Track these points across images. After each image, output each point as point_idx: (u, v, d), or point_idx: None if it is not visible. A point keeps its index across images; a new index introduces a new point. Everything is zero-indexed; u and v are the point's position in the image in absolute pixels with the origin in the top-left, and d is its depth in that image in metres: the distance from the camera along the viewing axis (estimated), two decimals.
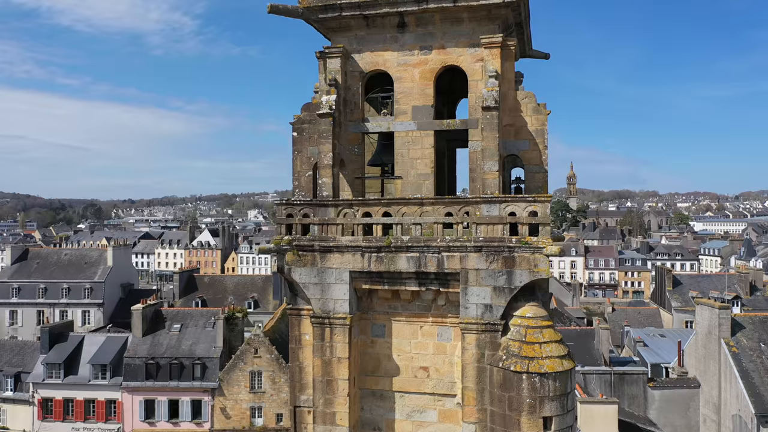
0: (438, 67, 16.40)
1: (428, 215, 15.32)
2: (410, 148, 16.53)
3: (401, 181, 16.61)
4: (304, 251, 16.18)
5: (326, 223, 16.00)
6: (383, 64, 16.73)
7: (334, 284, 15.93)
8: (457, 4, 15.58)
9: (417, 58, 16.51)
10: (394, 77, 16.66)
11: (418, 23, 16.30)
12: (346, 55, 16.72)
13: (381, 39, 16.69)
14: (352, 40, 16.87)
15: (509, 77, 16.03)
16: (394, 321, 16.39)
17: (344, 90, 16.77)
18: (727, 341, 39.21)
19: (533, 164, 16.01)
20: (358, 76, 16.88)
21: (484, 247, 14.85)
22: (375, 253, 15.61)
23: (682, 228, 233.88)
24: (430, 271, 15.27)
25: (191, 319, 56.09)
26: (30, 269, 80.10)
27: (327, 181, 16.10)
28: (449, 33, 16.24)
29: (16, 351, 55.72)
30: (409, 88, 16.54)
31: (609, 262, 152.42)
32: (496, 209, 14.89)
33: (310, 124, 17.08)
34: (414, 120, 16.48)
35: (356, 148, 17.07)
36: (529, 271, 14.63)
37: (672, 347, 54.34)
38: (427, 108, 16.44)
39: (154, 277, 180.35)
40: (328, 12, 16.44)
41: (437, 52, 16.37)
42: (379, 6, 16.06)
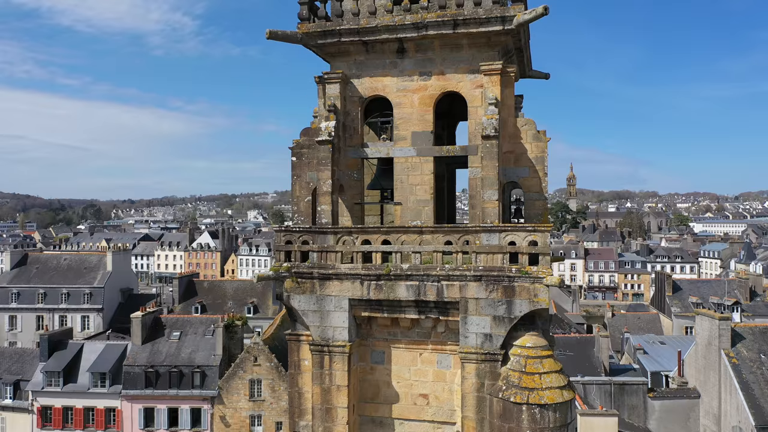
0: (437, 93, 16.34)
1: (428, 244, 15.27)
2: (410, 174, 16.46)
3: (401, 207, 16.55)
4: (303, 278, 16.13)
5: (325, 251, 15.95)
6: (382, 89, 16.67)
7: (334, 312, 15.87)
8: (456, 31, 15.52)
9: (416, 84, 16.45)
10: (394, 103, 16.60)
11: (417, 49, 16.24)
12: (345, 81, 16.66)
13: (380, 64, 16.63)
14: (351, 65, 16.81)
15: (509, 104, 15.97)
16: (393, 348, 16.34)
17: (343, 115, 16.72)
18: (727, 352, 39.16)
19: (533, 191, 15.95)
20: (358, 102, 16.82)
21: (484, 276, 14.79)
22: (374, 281, 15.55)
23: (681, 229, 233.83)
24: (430, 299, 15.22)
25: (191, 327, 56.00)
26: (29, 274, 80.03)
27: (326, 209, 16.05)
28: (449, 59, 16.18)
29: (15, 358, 55.65)
30: (409, 114, 16.48)
31: (609, 264, 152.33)
32: (496, 238, 14.83)
33: (309, 149, 17.02)
34: (413, 146, 16.41)
35: (355, 173, 17.01)
36: (529, 300, 14.57)
37: (672, 355, 54.30)
38: (426, 134, 16.38)
39: (153, 279, 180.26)
40: (327, 38, 16.39)
41: (437, 78, 16.31)
42: (379, 32, 16.00)
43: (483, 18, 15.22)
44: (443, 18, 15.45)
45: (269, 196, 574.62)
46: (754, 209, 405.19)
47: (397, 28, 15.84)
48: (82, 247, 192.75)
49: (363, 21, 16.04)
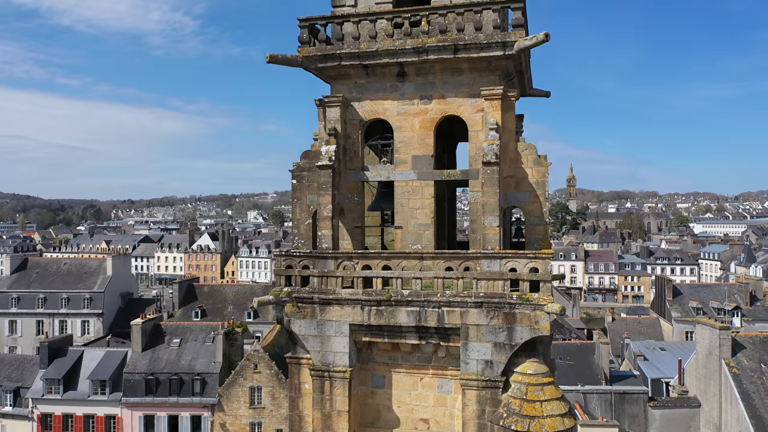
0: (438, 117, 16.31)
1: (428, 269, 15.23)
2: (410, 197, 16.43)
3: (401, 231, 16.51)
4: (303, 303, 16.10)
5: (326, 276, 15.91)
6: (383, 113, 16.64)
7: (334, 337, 15.85)
8: (457, 56, 15.50)
9: (417, 108, 16.41)
10: (394, 126, 16.57)
11: (418, 73, 16.21)
12: (345, 104, 16.63)
13: (381, 87, 16.60)
14: (351, 88, 16.78)
15: (510, 128, 15.93)
16: (394, 372, 16.31)
17: (344, 138, 16.69)
18: (727, 362, 39.11)
19: (534, 216, 15.91)
20: (358, 125, 16.79)
21: (485, 302, 14.76)
22: (375, 307, 15.52)
23: (682, 230, 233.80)
24: (431, 325, 15.19)
25: (191, 334, 55.98)
26: (29, 279, 79.99)
27: (327, 233, 16.02)
28: (449, 83, 16.15)
29: (15, 366, 55.62)
30: (409, 138, 16.45)
31: (609, 266, 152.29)
32: (497, 265, 14.80)
33: (310, 172, 17.00)
34: (414, 170, 16.38)
35: (356, 196, 16.97)
36: (530, 328, 14.55)
37: (672, 361, 54.26)
38: (427, 158, 16.34)
39: (153, 280, 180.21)
40: (328, 61, 16.36)
41: (437, 102, 16.28)
42: (379, 56, 15.98)
43: (484, 43, 15.21)
44: (444, 43, 15.43)
45: (269, 196, 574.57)
46: (754, 209, 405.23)
47: (397, 53, 15.82)
48: (82, 248, 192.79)
49: (363, 45, 16.02)
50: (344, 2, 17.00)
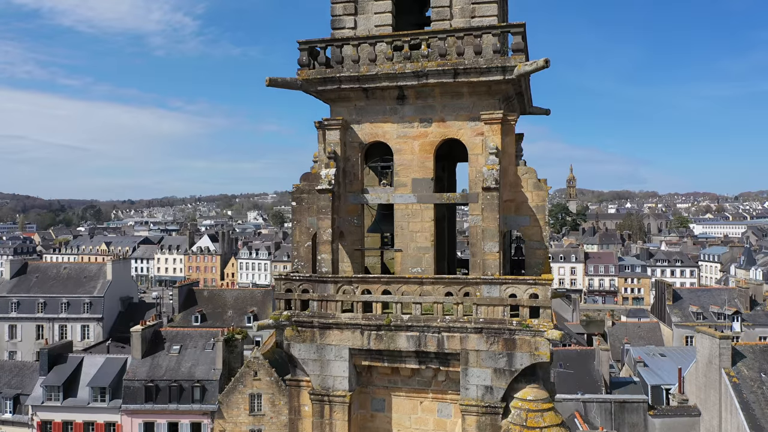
0: (438, 140, 16.28)
1: (428, 294, 15.22)
2: (410, 221, 16.40)
3: (401, 254, 16.49)
4: (303, 327, 16.09)
5: (325, 300, 15.90)
6: (383, 135, 16.62)
7: (334, 361, 15.83)
8: (457, 80, 15.47)
9: (417, 131, 16.39)
10: (394, 149, 16.55)
11: (417, 96, 16.18)
12: (345, 127, 16.62)
13: (381, 110, 16.58)
14: (351, 111, 16.76)
15: (510, 152, 15.90)
16: (394, 396, 16.30)
17: (343, 161, 16.67)
18: (727, 371, 39.12)
19: (534, 240, 15.88)
20: (358, 147, 16.76)
21: (485, 328, 14.75)
22: (375, 331, 15.51)
23: (682, 231, 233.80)
24: (430, 350, 15.18)
25: (190, 340, 55.97)
26: (29, 283, 79.96)
27: (326, 257, 16.00)
28: (449, 106, 16.12)
29: (15, 372, 55.63)
30: (409, 161, 16.42)
31: (609, 268, 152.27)
32: (497, 290, 14.79)
33: (309, 194, 16.98)
34: (414, 193, 16.36)
35: (356, 219, 16.94)
36: (530, 354, 14.53)
37: (672, 367, 54.28)
38: (426, 181, 16.32)
39: (153, 282, 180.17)
40: (327, 84, 16.34)
41: (437, 125, 16.26)
42: (379, 80, 15.95)
43: (484, 68, 15.18)
44: (444, 67, 15.40)
45: (269, 196, 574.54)
46: (754, 210, 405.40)
47: (397, 76, 15.79)
48: (82, 250, 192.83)
49: (363, 68, 15.99)
50: (344, 24, 16.98)
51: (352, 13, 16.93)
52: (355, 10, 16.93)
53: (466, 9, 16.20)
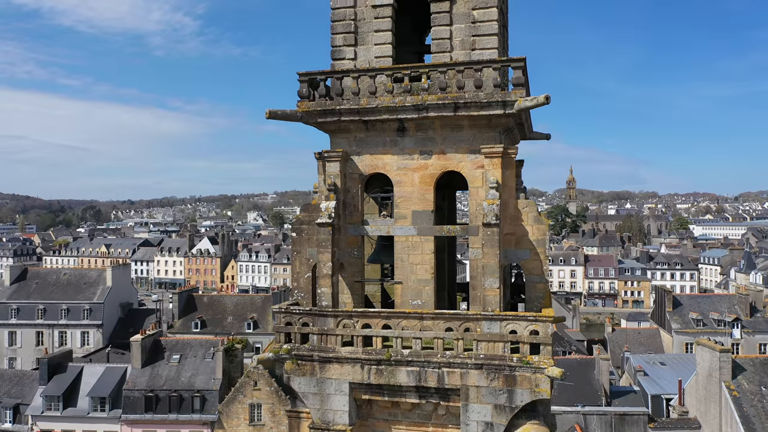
0: (438, 172, 16.24)
1: (428, 329, 15.18)
2: (410, 253, 16.36)
3: (401, 286, 16.44)
4: (303, 361, 16.06)
5: (325, 333, 15.86)
6: (383, 167, 16.57)
7: (334, 395, 15.80)
8: (457, 114, 15.43)
9: (417, 163, 16.35)
10: (394, 181, 16.50)
11: (418, 128, 16.14)
12: (345, 158, 16.57)
13: (381, 142, 16.54)
14: (351, 142, 16.72)
15: (510, 185, 15.87)
16: (394, 429, 16.25)
17: (343, 193, 16.63)
18: (728, 384, 39.12)
19: (534, 274, 15.84)
20: (358, 179, 16.72)
21: (485, 364, 14.72)
22: (375, 366, 15.47)
23: (681, 233, 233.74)
24: (431, 385, 15.15)
25: (190, 350, 55.93)
26: (29, 289, 79.88)
27: (326, 291, 15.95)
28: (449, 138, 16.08)
29: (15, 381, 55.58)
30: (409, 193, 16.37)
31: (609, 271, 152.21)
32: (497, 326, 14.75)
33: (309, 225, 16.94)
34: (414, 225, 16.31)
35: (356, 250, 16.90)
36: (531, 390, 14.50)
37: (672, 376, 54.30)
38: (427, 213, 16.27)
39: (153, 285, 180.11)
40: (327, 116, 16.30)
41: (437, 157, 16.21)
42: (379, 113, 15.91)
43: (484, 102, 15.15)
44: (444, 101, 15.36)
45: (269, 197, 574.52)
46: (753, 210, 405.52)
47: (397, 109, 15.76)
48: (81, 252, 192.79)
49: (363, 101, 15.95)
50: (344, 55, 16.94)
51: (352, 44, 16.90)
52: (355, 41, 16.90)
53: (466, 41, 16.17)
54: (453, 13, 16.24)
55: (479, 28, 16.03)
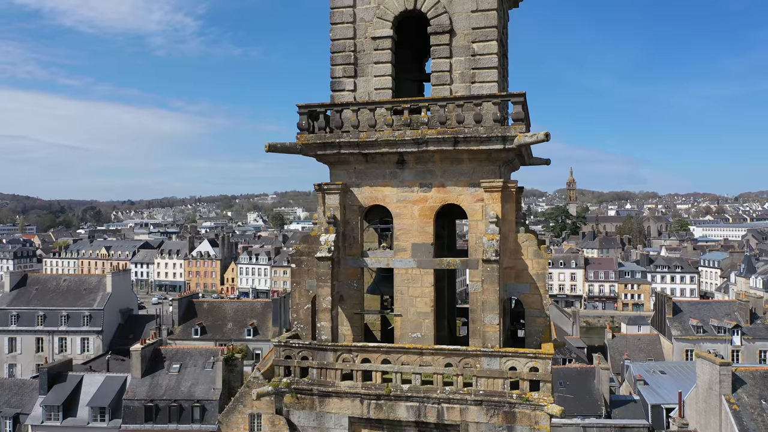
0: (438, 205, 16.21)
1: (428, 365, 15.15)
2: (410, 285, 16.33)
3: (401, 319, 16.41)
4: (302, 394, 16.04)
5: (325, 368, 15.83)
6: (382, 199, 16.54)
7: (333, 429, 15.78)
8: (457, 148, 15.40)
9: (417, 195, 16.32)
10: (394, 213, 16.47)
11: (417, 161, 16.11)
12: (344, 190, 16.55)
13: (380, 174, 16.51)
14: (351, 174, 16.69)
15: (510, 218, 15.83)
16: None
17: (343, 224, 16.60)
18: (727, 398, 39.08)
19: (534, 308, 15.81)
20: (357, 211, 16.69)
21: (485, 401, 14.69)
22: (374, 401, 15.45)
23: (682, 235, 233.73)
24: (430, 421, 15.12)
25: (190, 359, 55.90)
26: (29, 296, 79.85)
27: (326, 325, 15.93)
28: (449, 171, 16.05)
29: (14, 391, 55.55)
30: (409, 225, 16.34)
31: (609, 274, 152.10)
32: (497, 363, 14.73)
33: (309, 257, 16.92)
34: (413, 258, 16.28)
35: (355, 282, 16.85)
36: (530, 428, 14.48)
37: (672, 385, 54.27)
38: (426, 246, 16.24)
39: (153, 287, 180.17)
40: (327, 149, 16.28)
41: (437, 190, 16.18)
42: (379, 146, 15.88)
43: (484, 137, 15.12)
44: (444, 135, 15.34)
45: (269, 197, 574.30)
46: (754, 211, 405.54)
47: (397, 143, 15.73)
48: (82, 254, 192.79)
49: (363, 134, 15.92)
50: (343, 86, 16.92)
51: (351, 76, 16.88)
52: (355, 73, 16.88)
53: (466, 74, 16.15)
54: (453, 45, 16.23)
55: (479, 62, 16.01)
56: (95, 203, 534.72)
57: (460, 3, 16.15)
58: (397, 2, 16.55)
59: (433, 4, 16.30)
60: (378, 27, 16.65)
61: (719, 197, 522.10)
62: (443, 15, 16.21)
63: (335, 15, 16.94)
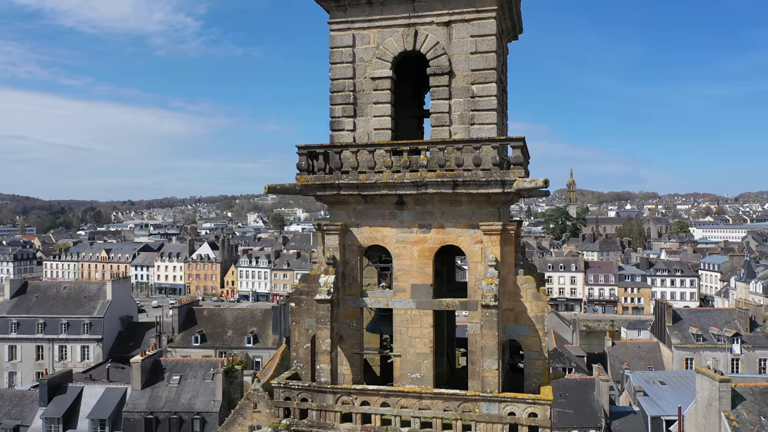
0: (437, 246, 16.23)
1: (427, 408, 15.18)
2: (409, 326, 16.34)
3: (400, 359, 16.43)
4: None
5: (324, 410, 15.86)
6: (382, 239, 16.57)
7: None
8: (456, 191, 15.42)
9: (416, 236, 16.34)
10: (393, 254, 16.49)
11: (416, 202, 16.13)
12: (344, 231, 16.57)
13: (380, 214, 16.53)
14: (350, 214, 16.71)
15: (509, 261, 15.86)
16: None
17: (342, 264, 16.62)
18: (727, 414, 39.13)
19: (533, 350, 15.83)
20: (357, 251, 16.71)
21: None
22: None
23: (682, 237, 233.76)
24: None
25: (190, 370, 55.94)
26: (29, 303, 79.89)
27: (325, 367, 15.95)
28: (448, 213, 16.07)
29: (14, 402, 55.56)
30: (408, 266, 16.36)
31: (609, 278, 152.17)
32: (496, 408, 14.76)
33: (308, 296, 16.93)
34: (413, 298, 16.30)
35: (354, 322, 16.87)
36: None
37: (672, 397, 54.34)
38: (426, 287, 16.26)
39: (153, 290, 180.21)
40: (326, 190, 16.31)
41: (436, 231, 16.21)
42: (378, 188, 15.90)
43: (483, 181, 15.15)
44: (443, 178, 15.36)
45: (269, 197, 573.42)
46: (754, 212, 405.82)
47: (396, 185, 15.75)
48: (82, 257, 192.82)
49: (362, 176, 15.94)
50: (343, 126, 16.95)
51: (351, 116, 16.90)
52: (354, 113, 16.90)
53: (465, 115, 16.17)
54: (452, 87, 16.25)
55: (478, 103, 16.04)
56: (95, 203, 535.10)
57: (459, 44, 16.18)
58: (396, 43, 16.57)
59: (432, 45, 16.32)
60: (377, 67, 16.67)
61: (719, 197, 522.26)
62: (442, 56, 16.24)
63: (334, 54, 16.97)
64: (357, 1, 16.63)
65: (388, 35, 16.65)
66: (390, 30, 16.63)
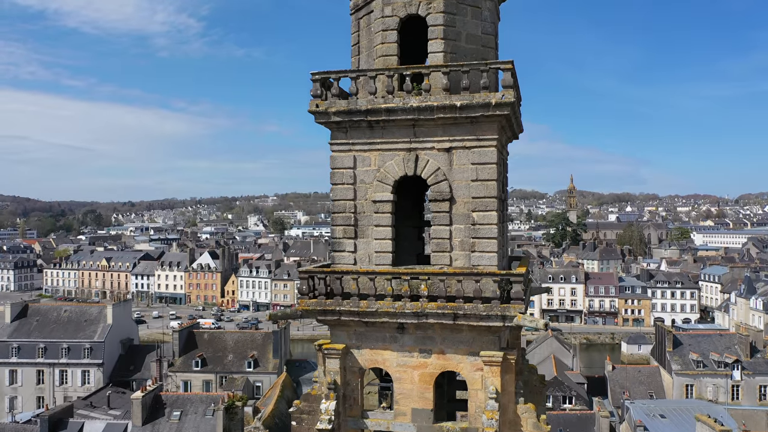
0: (437, 371, 16.27)
1: None
2: None
3: None
4: None
5: None
6: (383, 362, 16.60)
7: None
8: (456, 322, 15.46)
9: (416, 361, 16.37)
10: (394, 377, 16.52)
11: (417, 327, 16.15)
12: (345, 353, 16.60)
13: (380, 338, 16.56)
14: (351, 335, 16.74)
15: (510, 390, 15.90)
16: None
17: (343, 386, 16.66)
18: None
19: None
20: (357, 373, 16.75)
21: None
22: None
23: (682, 244, 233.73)
24: None
25: (191, 406, 55.98)
26: (29, 327, 79.91)
27: None
28: (449, 339, 16.10)
29: None
30: (409, 390, 16.39)
31: (609, 289, 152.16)
32: None
33: (309, 415, 16.98)
34: (413, 423, 16.34)
35: None
36: None
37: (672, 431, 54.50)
38: (426, 412, 16.29)
39: (154, 299, 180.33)
40: (328, 315, 16.35)
41: (437, 356, 16.24)
42: (378, 316, 15.95)
43: (483, 314, 15.18)
44: (443, 310, 15.40)
45: (269, 199, 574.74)
46: (754, 215, 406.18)
47: (397, 314, 15.78)
48: (82, 265, 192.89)
49: (363, 303, 15.99)
50: (344, 247, 16.99)
51: (352, 237, 16.94)
52: (355, 234, 16.94)
53: (465, 242, 16.19)
54: (453, 213, 16.27)
55: (479, 231, 16.06)
56: (96, 205, 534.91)
57: (460, 171, 16.20)
58: (397, 167, 16.58)
59: (433, 171, 16.34)
60: (378, 190, 16.68)
61: (720, 199, 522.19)
62: (443, 182, 16.25)
63: (335, 176, 16.99)
64: (358, 124, 16.66)
65: (389, 158, 16.67)
66: (391, 153, 16.65)
